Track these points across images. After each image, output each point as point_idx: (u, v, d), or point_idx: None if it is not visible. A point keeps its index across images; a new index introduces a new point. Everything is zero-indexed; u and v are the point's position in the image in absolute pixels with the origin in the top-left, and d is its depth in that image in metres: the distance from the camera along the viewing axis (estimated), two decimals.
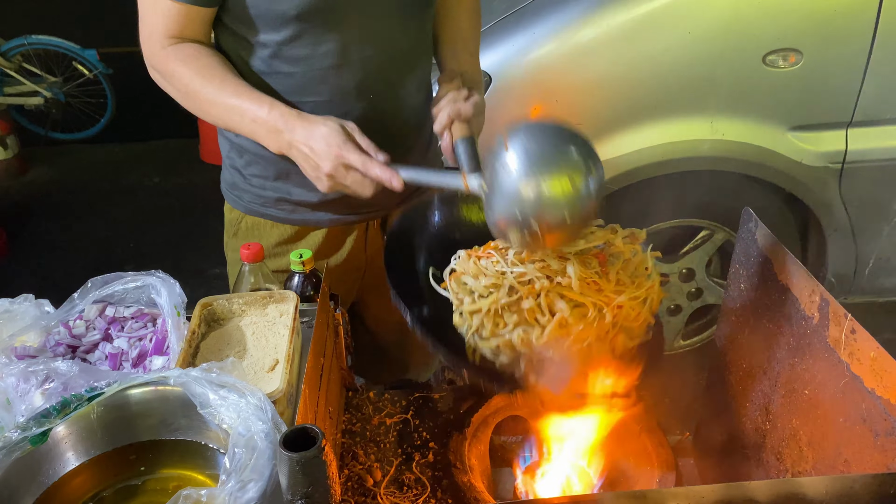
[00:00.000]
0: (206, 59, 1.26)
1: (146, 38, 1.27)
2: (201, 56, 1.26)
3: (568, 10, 2.25)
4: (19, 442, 0.92)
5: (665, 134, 2.30)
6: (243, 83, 1.25)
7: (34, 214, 4.29)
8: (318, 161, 1.18)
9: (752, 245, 1.27)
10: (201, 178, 4.61)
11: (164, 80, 1.29)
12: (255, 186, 1.46)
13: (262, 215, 1.49)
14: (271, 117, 1.21)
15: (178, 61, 1.25)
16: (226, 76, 1.25)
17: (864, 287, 2.66)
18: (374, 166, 1.14)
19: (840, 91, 2.29)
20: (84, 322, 1.26)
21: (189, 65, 1.25)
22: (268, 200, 1.47)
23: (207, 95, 1.25)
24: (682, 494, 0.84)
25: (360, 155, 1.15)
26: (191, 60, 1.25)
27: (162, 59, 1.27)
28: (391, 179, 1.13)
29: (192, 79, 1.25)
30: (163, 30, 1.25)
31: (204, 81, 1.24)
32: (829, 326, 1.02)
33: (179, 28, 1.25)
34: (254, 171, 1.45)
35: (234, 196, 1.51)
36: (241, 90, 1.24)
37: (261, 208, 1.48)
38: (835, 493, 0.81)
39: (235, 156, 1.47)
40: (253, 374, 1.11)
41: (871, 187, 2.42)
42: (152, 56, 1.28)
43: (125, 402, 1.01)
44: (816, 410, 1.06)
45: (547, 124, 1.05)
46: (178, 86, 1.27)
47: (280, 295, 1.24)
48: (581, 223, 1.05)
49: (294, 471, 0.79)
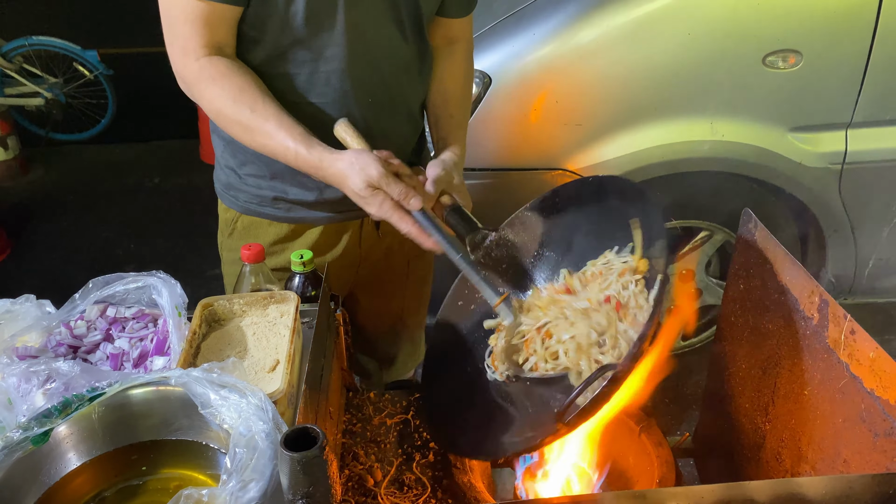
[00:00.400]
0: (237, 80, 1.25)
1: (179, 53, 1.26)
2: (233, 75, 1.25)
3: (567, 11, 2.26)
4: (21, 442, 0.92)
5: (665, 135, 2.30)
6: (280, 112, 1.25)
7: (35, 215, 4.30)
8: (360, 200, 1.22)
9: (751, 246, 1.28)
10: (201, 179, 4.61)
11: (191, 93, 1.30)
12: (251, 186, 1.47)
13: (259, 214, 1.50)
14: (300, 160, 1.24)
15: (210, 80, 1.25)
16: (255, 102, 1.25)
17: (863, 288, 2.66)
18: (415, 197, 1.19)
19: (840, 92, 2.29)
20: (85, 322, 1.26)
21: (221, 85, 1.25)
22: (264, 199, 1.47)
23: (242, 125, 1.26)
24: (682, 494, 0.84)
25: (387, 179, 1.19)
26: (223, 80, 1.25)
27: (195, 76, 1.26)
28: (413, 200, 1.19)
29: (220, 102, 1.26)
30: (196, 39, 1.23)
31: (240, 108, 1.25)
32: (828, 327, 1.03)
33: (210, 32, 1.24)
34: (249, 171, 1.45)
35: (230, 196, 1.52)
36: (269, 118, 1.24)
37: (257, 207, 1.49)
38: (834, 493, 0.82)
39: (230, 156, 1.47)
40: (254, 374, 1.11)
41: (871, 188, 2.42)
42: (185, 70, 1.27)
43: (126, 403, 1.01)
44: (816, 411, 1.07)
45: None
46: (206, 106, 1.28)
47: (281, 295, 1.24)
48: None
49: (295, 470, 0.79)
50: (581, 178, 1.33)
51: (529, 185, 2.36)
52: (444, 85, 1.51)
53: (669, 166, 2.34)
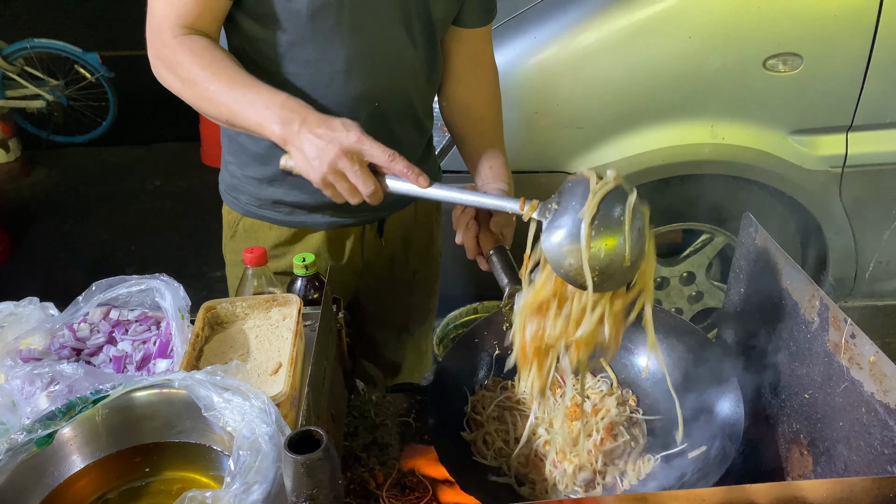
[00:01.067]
0: (217, 53, 1.21)
1: (155, 29, 1.22)
2: (213, 49, 1.21)
3: (569, 15, 2.26)
4: (25, 444, 0.93)
5: (666, 138, 2.31)
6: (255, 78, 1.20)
7: (36, 217, 4.30)
8: (326, 144, 1.10)
9: (752, 249, 1.28)
10: (203, 182, 4.62)
11: (166, 72, 1.23)
12: (252, 188, 1.47)
13: (260, 217, 1.50)
14: (289, 103, 1.15)
15: (187, 51, 1.20)
16: (238, 71, 1.20)
17: (864, 290, 2.67)
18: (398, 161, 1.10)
19: (840, 95, 2.30)
20: (88, 325, 1.26)
21: (199, 55, 1.19)
22: (265, 202, 1.47)
23: (214, 86, 1.19)
24: (683, 497, 0.84)
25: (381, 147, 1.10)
26: (201, 52, 1.20)
27: (171, 49, 1.20)
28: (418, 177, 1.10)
29: (200, 69, 1.19)
30: (175, 18, 1.20)
31: (212, 73, 1.19)
32: (828, 331, 1.03)
33: (193, 17, 1.21)
34: (250, 173, 1.45)
35: (232, 198, 1.52)
36: (255, 82, 1.18)
37: (258, 210, 1.49)
38: (834, 496, 0.82)
39: (233, 157, 1.48)
40: (256, 377, 1.12)
41: (872, 191, 2.42)
42: (161, 46, 1.22)
43: (130, 405, 1.01)
44: (816, 414, 1.07)
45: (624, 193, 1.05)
46: (184, 75, 1.21)
47: (283, 298, 1.25)
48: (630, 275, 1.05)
49: (299, 473, 0.80)
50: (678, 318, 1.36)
51: (530, 187, 2.36)
52: (478, 112, 1.49)
53: (670, 169, 2.35)
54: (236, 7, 1.27)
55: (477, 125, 1.49)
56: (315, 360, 1.10)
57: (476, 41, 1.48)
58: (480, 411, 1.32)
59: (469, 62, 1.49)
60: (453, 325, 2.53)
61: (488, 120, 1.50)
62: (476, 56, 1.49)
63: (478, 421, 1.30)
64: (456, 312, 2.60)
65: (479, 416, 1.31)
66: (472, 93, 1.50)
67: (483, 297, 2.47)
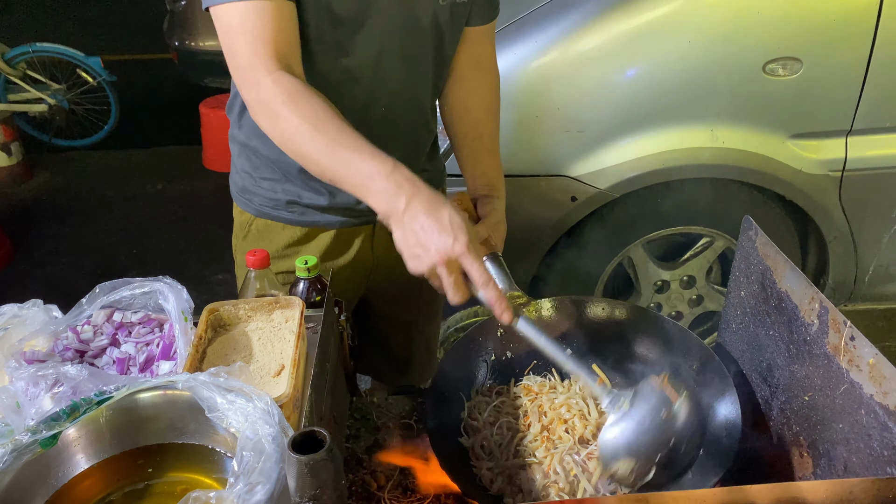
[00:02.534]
0: (315, 101, 1.13)
1: (246, 69, 1.15)
2: (311, 96, 1.14)
3: (569, 19, 2.27)
4: (30, 445, 0.93)
5: (666, 142, 2.32)
6: (359, 136, 1.13)
7: (38, 221, 4.31)
8: (430, 246, 1.05)
9: (752, 253, 1.29)
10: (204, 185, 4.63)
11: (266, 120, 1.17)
12: (266, 189, 1.49)
13: (273, 217, 1.52)
14: (395, 176, 1.07)
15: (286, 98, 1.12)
16: (341, 127, 1.12)
17: (864, 294, 2.67)
18: (492, 288, 1.07)
19: (840, 99, 2.30)
20: (92, 327, 1.27)
21: (298, 104, 1.12)
22: (278, 203, 1.49)
23: (317, 144, 1.12)
24: (684, 498, 0.85)
25: (481, 268, 1.05)
26: (299, 99, 1.13)
27: (269, 92, 1.13)
28: (503, 313, 1.08)
29: (301, 122, 1.12)
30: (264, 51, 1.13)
31: (315, 129, 1.12)
32: (828, 333, 1.04)
33: (272, 35, 1.13)
34: (264, 175, 1.47)
35: (245, 199, 1.54)
36: (360, 143, 1.11)
37: (271, 211, 1.51)
38: (834, 497, 0.82)
39: (245, 160, 1.49)
40: (259, 378, 1.12)
41: (871, 195, 2.43)
42: (257, 88, 1.14)
43: (134, 406, 1.02)
44: (816, 416, 1.07)
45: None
46: (283, 126, 1.14)
47: (286, 301, 1.26)
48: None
49: (302, 473, 0.80)
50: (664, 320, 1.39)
51: (531, 191, 2.37)
52: (475, 115, 1.49)
53: (670, 173, 2.35)
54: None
55: (473, 128, 1.49)
56: (317, 362, 1.11)
57: (479, 42, 1.49)
58: (477, 417, 1.32)
59: (471, 63, 1.50)
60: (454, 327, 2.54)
61: (485, 123, 1.50)
62: (478, 58, 1.50)
63: (475, 427, 1.31)
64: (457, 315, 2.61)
65: (475, 421, 1.32)
66: (472, 95, 1.51)
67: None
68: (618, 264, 2.57)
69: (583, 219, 2.42)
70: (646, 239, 2.52)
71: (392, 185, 1.07)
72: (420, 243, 1.06)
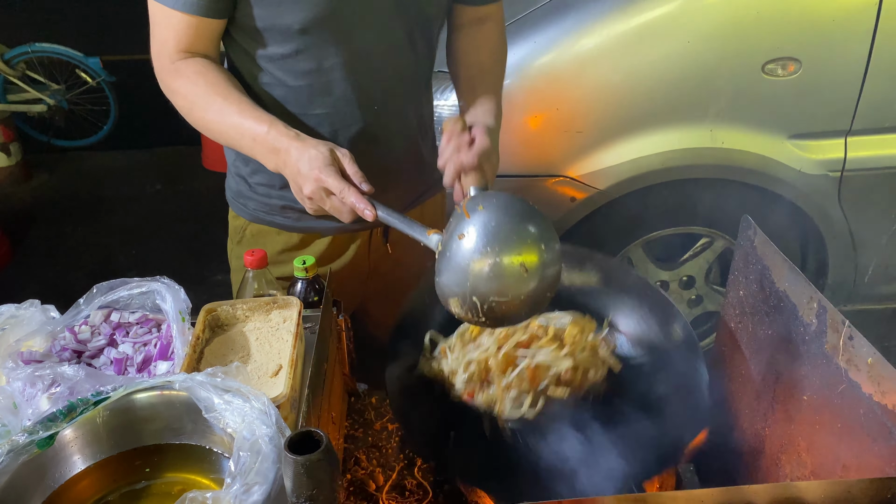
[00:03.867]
0: (211, 76, 1.26)
1: (157, 54, 1.29)
2: (207, 72, 1.26)
3: (569, 20, 2.27)
4: (26, 445, 0.93)
5: (665, 142, 2.32)
6: (246, 101, 1.25)
7: (37, 221, 4.31)
8: (301, 183, 1.17)
9: (751, 253, 1.29)
10: (203, 186, 4.63)
11: (170, 96, 1.30)
12: (261, 195, 1.48)
13: (268, 223, 1.51)
14: (269, 136, 1.20)
15: (184, 78, 1.26)
16: (229, 94, 1.25)
17: (863, 294, 2.67)
18: (350, 194, 1.13)
19: (839, 99, 2.30)
20: (89, 327, 1.27)
21: (194, 82, 1.25)
22: (273, 208, 1.48)
23: (210, 114, 1.26)
24: (682, 498, 0.85)
25: (340, 181, 1.13)
26: (196, 77, 1.26)
27: (170, 75, 1.27)
28: (364, 210, 1.12)
29: (196, 97, 1.25)
30: (173, 44, 1.26)
31: (207, 100, 1.24)
32: (827, 333, 1.04)
33: (189, 41, 1.26)
34: (259, 180, 1.47)
35: (240, 204, 1.53)
36: (244, 108, 1.23)
37: (266, 216, 1.50)
38: (832, 497, 0.82)
39: (241, 164, 1.48)
40: (257, 379, 1.12)
41: (871, 195, 2.43)
42: (161, 71, 1.29)
43: (131, 407, 1.02)
44: (814, 416, 1.07)
45: (511, 200, 1.06)
46: (182, 103, 1.28)
47: (283, 301, 1.25)
48: (526, 309, 1.08)
49: (299, 473, 0.80)
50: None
51: (530, 191, 2.37)
52: (478, 57, 1.47)
53: (669, 173, 2.35)
54: (230, 23, 1.29)
55: (476, 67, 1.47)
56: (315, 362, 1.10)
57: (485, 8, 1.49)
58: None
59: (474, 21, 1.49)
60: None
61: (488, 65, 1.48)
62: (482, 17, 1.50)
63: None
64: None
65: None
66: (473, 43, 1.49)
67: None
68: None
69: (582, 219, 2.42)
70: (645, 239, 2.52)
71: (267, 147, 1.21)
72: (300, 192, 1.19)
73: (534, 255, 1.01)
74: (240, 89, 1.28)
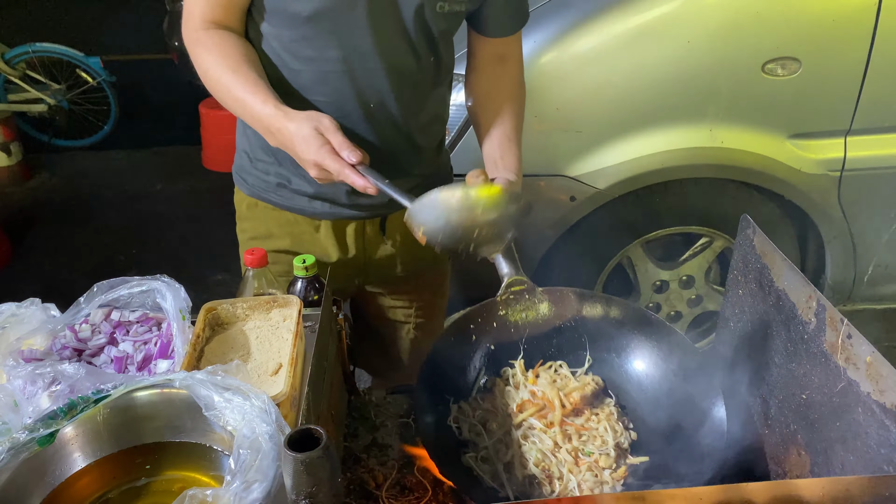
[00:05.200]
0: (228, 48, 1.32)
1: (186, 22, 1.36)
2: (224, 44, 1.32)
3: (568, 19, 2.27)
4: (27, 443, 0.93)
5: (664, 142, 2.32)
6: (255, 77, 1.30)
7: (37, 221, 4.31)
8: (304, 166, 1.26)
9: (750, 252, 1.29)
10: (203, 185, 4.63)
11: (194, 63, 1.36)
12: (260, 171, 1.52)
13: (263, 199, 1.55)
14: (265, 116, 1.26)
15: (202, 48, 1.33)
16: (239, 67, 1.30)
17: (862, 294, 2.67)
18: (351, 175, 1.20)
19: (839, 99, 2.30)
20: (90, 326, 1.27)
21: (211, 52, 1.32)
22: (269, 185, 1.52)
23: (220, 86, 1.32)
24: (681, 496, 0.85)
25: (336, 162, 1.20)
26: (214, 48, 1.32)
27: (193, 44, 1.34)
28: (366, 188, 1.20)
29: (209, 66, 1.32)
30: (199, 15, 1.33)
31: (219, 71, 1.30)
32: (825, 331, 1.04)
33: (213, 14, 1.33)
34: (260, 156, 1.51)
35: (241, 179, 1.58)
36: (250, 85, 1.28)
37: (262, 192, 1.54)
38: (831, 495, 0.82)
39: (246, 140, 1.53)
40: (257, 377, 1.12)
41: (870, 195, 2.43)
42: (187, 40, 1.36)
43: (131, 405, 1.02)
44: (813, 414, 1.07)
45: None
46: (201, 71, 1.34)
47: (284, 299, 1.26)
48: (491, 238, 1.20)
49: (298, 471, 0.80)
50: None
51: (530, 191, 2.37)
52: (499, 103, 1.50)
53: (669, 173, 2.35)
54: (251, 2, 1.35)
55: (494, 117, 1.49)
56: (315, 360, 1.11)
57: (503, 44, 1.52)
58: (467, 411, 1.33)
59: (493, 59, 1.53)
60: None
61: (508, 113, 1.50)
62: (502, 56, 1.53)
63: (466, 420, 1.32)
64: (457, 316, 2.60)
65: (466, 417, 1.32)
66: (494, 86, 1.52)
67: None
68: (617, 264, 2.58)
69: (582, 218, 2.42)
70: (645, 239, 2.53)
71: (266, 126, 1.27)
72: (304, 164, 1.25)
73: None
74: (252, 63, 1.33)
